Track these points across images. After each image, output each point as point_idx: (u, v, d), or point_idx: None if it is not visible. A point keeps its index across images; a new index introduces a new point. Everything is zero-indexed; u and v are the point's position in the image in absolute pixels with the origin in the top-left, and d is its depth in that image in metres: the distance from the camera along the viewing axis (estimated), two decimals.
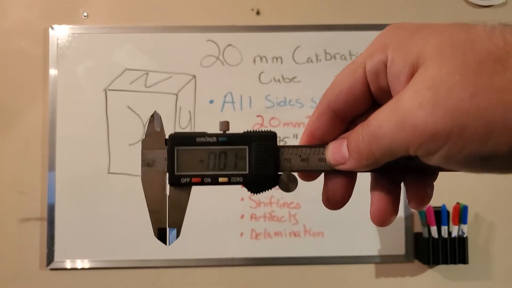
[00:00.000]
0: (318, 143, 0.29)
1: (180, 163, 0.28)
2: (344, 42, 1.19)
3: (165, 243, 0.30)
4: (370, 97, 0.27)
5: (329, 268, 1.17)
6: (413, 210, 1.17)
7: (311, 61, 1.19)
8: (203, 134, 0.29)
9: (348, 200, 0.30)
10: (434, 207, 1.13)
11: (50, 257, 1.14)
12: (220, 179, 0.29)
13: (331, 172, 0.29)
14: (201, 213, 1.13)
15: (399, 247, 1.17)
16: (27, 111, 1.18)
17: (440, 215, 1.12)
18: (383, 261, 1.17)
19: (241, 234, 1.16)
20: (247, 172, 0.29)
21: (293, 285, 1.18)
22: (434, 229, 1.12)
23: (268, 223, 1.16)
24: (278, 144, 0.29)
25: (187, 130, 1.15)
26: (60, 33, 1.18)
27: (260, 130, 0.30)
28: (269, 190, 0.29)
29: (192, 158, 0.29)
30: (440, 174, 0.29)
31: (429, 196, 0.29)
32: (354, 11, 1.22)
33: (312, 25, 1.20)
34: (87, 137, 1.16)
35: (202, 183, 0.29)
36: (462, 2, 1.23)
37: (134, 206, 1.15)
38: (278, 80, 1.19)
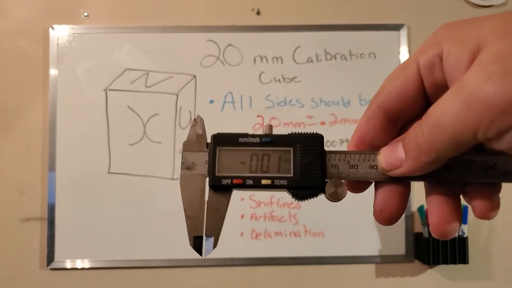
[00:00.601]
0: (368, 148, 0.27)
1: (222, 164, 0.27)
2: (344, 42, 1.19)
3: (201, 253, 0.28)
4: (423, 97, 0.25)
5: (329, 268, 1.17)
6: (413, 209, 1.17)
7: (312, 61, 1.19)
8: (246, 135, 0.27)
9: (403, 213, 0.27)
10: None
11: (50, 257, 1.14)
12: (263, 181, 0.27)
13: (383, 182, 0.26)
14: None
15: (399, 247, 1.17)
16: (27, 111, 1.18)
17: None
18: (383, 261, 1.17)
19: (241, 234, 1.16)
20: (291, 175, 0.27)
21: (293, 285, 1.18)
22: None
23: (269, 223, 1.16)
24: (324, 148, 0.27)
25: (187, 130, 1.15)
26: (60, 33, 1.18)
27: (306, 132, 0.28)
28: (315, 197, 0.27)
29: (234, 159, 0.27)
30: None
31: (497, 204, 0.25)
32: (355, 11, 1.22)
33: (313, 25, 1.20)
34: (87, 137, 1.16)
35: (244, 185, 0.27)
36: (462, 2, 1.23)
37: (134, 206, 1.15)
38: (279, 80, 1.19)
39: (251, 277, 1.17)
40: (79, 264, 1.14)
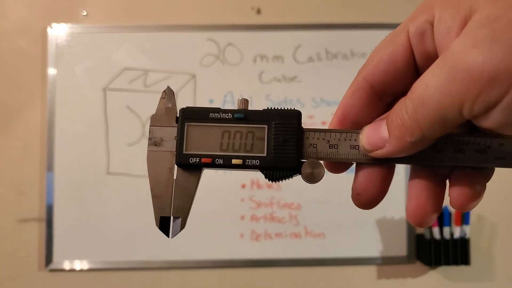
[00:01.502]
0: (351, 125, 0.25)
1: (190, 141, 0.25)
2: (345, 41, 1.18)
3: (167, 234, 0.27)
4: (413, 69, 0.23)
5: (330, 269, 1.17)
6: None
7: (312, 60, 1.18)
8: (217, 110, 0.26)
9: (382, 198, 0.25)
10: None
11: (48, 258, 1.13)
12: (234, 161, 0.25)
13: (365, 163, 0.25)
14: (200, 214, 1.12)
15: (401, 248, 1.17)
16: (26, 111, 1.17)
17: (442, 216, 1.11)
18: (385, 262, 1.17)
19: (241, 235, 1.15)
20: (264, 155, 0.25)
21: (294, 287, 1.17)
22: (436, 230, 1.11)
23: (269, 224, 1.16)
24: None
25: None
26: (59, 32, 1.17)
27: (283, 108, 0.26)
28: (290, 178, 0.25)
29: (203, 136, 0.25)
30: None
31: (477, 194, 0.23)
32: (356, 10, 1.21)
33: (313, 24, 1.19)
34: (86, 137, 1.15)
35: (213, 164, 0.25)
36: None
37: (133, 206, 1.14)
38: (279, 79, 1.18)
39: (251, 278, 1.16)
40: (78, 265, 1.13)
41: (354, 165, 0.26)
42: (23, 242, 1.15)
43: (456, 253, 1.10)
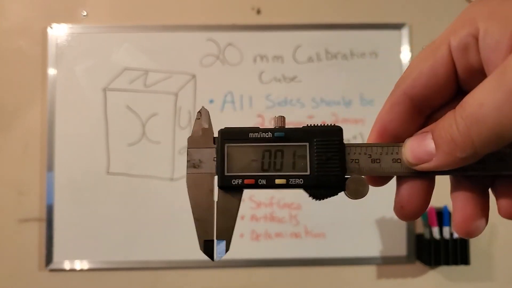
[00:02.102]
0: (390, 139, 0.25)
1: (231, 162, 0.25)
2: (345, 42, 1.18)
3: (212, 258, 0.26)
4: (455, 82, 0.23)
5: (330, 269, 1.17)
6: None
7: (312, 60, 1.18)
8: (257, 129, 0.25)
9: (426, 209, 0.25)
10: (435, 208, 1.12)
11: (49, 258, 1.13)
12: (277, 181, 0.25)
13: (407, 176, 0.24)
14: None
15: (400, 248, 1.17)
16: (26, 111, 1.17)
17: (442, 216, 1.11)
18: (385, 262, 1.17)
19: (241, 235, 1.15)
20: (308, 173, 0.25)
21: (293, 287, 1.17)
22: (436, 230, 1.11)
23: (269, 224, 1.16)
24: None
25: (187, 130, 1.15)
26: (59, 32, 1.17)
27: (323, 125, 0.26)
28: (334, 196, 0.25)
29: (244, 156, 0.25)
30: (441, 176, 0.25)
31: None
32: (356, 10, 1.21)
33: (313, 24, 1.20)
34: (86, 137, 1.15)
35: (256, 185, 0.25)
36: (464, 2, 1.22)
37: (133, 206, 1.14)
38: (279, 79, 1.18)
39: (251, 278, 1.16)
40: (78, 265, 1.14)
41: (394, 178, 0.26)
42: (24, 242, 1.15)
43: (455, 253, 1.10)
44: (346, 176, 0.25)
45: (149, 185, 1.14)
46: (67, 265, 1.13)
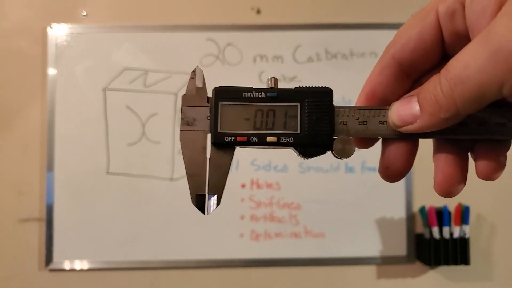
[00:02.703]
0: (379, 102, 0.26)
1: (224, 120, 0.26)
2: (345, 41, 1.18)
3: (203, 211, 0.27)
4: (441, 47, 0.24)
5: (330, 269, 1.17)
6: (415, 210, 1.16)
7: (312, 60, 1.18)
8: (250, 89, 0.27)
9: (409, 171, 0.26)
10: (435, 208, 1.12)
11: (48, 258, 1.13)
12: (268, 139, 0.26)
13: (393, 138, 0.25)
14: (200, 214, 1.12)
15: (400, 248, 1.17)
16: (26, 111, 1.17)
17: (442, 216, 1.11)
18: (385, 262, 1.17)
19: (241, 235, 1.15)
20: (298, 132, 0.26)
21: (293, 287, 1.17)
22: (435, 230, 1.11)
23: (269, 224, 1.16)
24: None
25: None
26: (59, 32, 1.17)
27: (315, 86, 0.27)
28: (322, 154, 0.26)
29: (237, 115, 0.26)
30: None
31: (502, 165, 0.25)
32: (356, 10, 1.21)
33: (313, 24, 1.20)
34: (86, 137, 1.15)
35: (248, 142, 0.26)
36: None
37: (133, 206, 1.14)
38: (279, 79, 1.17)
39: (251, 278, 1.16)
40: (78, 265, 1.14)
41: (380, 141, 0.27)
42: (24, 242, 1.15)
43: (455, 253, 1.10)
44: (334, 137, 0.26)
45: (148, 185, 1.14)
46: (67, 265, 1.13)
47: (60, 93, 1.16)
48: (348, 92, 1.17)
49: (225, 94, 0.27)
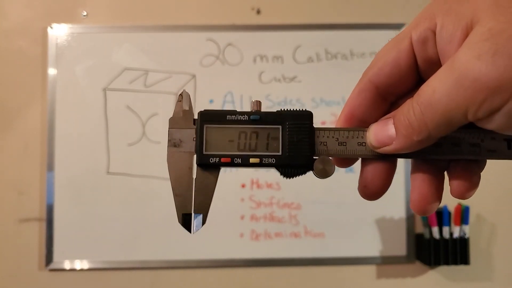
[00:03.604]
0: (357, 123, 0.27)
1: (209, 142, 0.27)
2: (345, 42, 1.18)
3: (189, 230, 0.28)
4: (415, 72, 0.25)
5: (330, 269, 1.17)
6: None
7: (312, 60, 1.18)
8: (234, 112, 0.27)
9: (387, 190, 0.27)
10: None
11: (49, 258, 1.13)
12: (251, 160, 0.27)
13: (371, 158, 0.27)
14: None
15: (400, 248, 1.17)
16: (26, 111, 1.17)
17: (442, 216, 1.11)
18: (385, 262, 1.17)
19: (241, 235, 1.15)
20: (280, 153, 0.27)
21: (293, 287, 1.17)
22: (435, 230, 1.11)
23: (269, 224, 1.16)
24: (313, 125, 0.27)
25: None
26: (59, 32, 1.17)
27: (295, 109, 0.28)
28: (303, 174, 0.27)
29: (221, 137, 0.27)
30: (440, 175, 0.27)
31: (475, 185, 0.26)
32: (356, 10, 1.21)
33: (313, 24, 1.20)
34: (86, 137, 1.15)
35: (232, 163, 0.27)
36: None
37: (133, 206, 1.14)
38: (279, 79, 1.18)
39: (251, 278, 1.16)
40: (78, 264, 1.14)
41: (359, 160, 0.28)
42: (24, 241, 1.15)
43: (455, 253, 1.10)
44: (314, 157, 0.27)
45: (149, 185, 1.14)
46: (67, 265, 1.13)
47: (60, 93, 1.16)
48: (348, 92, 1.16)
49: (210, 117, 0.27)
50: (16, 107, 1.17)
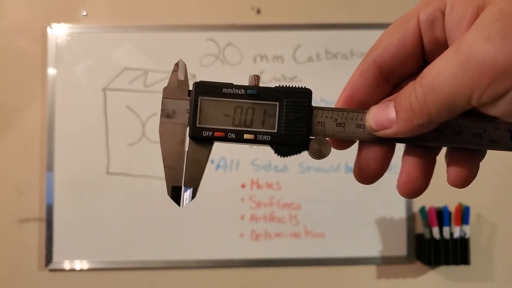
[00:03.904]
0: (357, 105, 0.26)
1: (203, 114, 0.26)
2: (345, 41, 1.18)
3: (179, 203, 0.27)
4: (421, 54, 0.24)
5: (330, 269, 1.17)
6: (415, 210, 1.16)
7: (312, 60, 1.18)
8: (231, 85, 0.26)
9: (382, 174, 0.26)
10: (436, 208, 1.12)
11: (48, 258, 1.13)
12: (246, 136, 0.26)
13: (368, 141, 0.26)
14: (200, 214, 1.12)
15: (400, 248, 1.17)
16: (26, 111, 1.17)
17: (442, 216, 1.11)
18: (385, 262, 1.17)
19: (241, 235, 1.15)
20: (275, 131, 0.26)
21: (293, 287, 1.17)
22: (436, 230, 1.11)
23: (269, 224, 1.16)
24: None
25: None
26: (58, 32, 1.17)
27: (294, 86, 0.27)
28: (298, 154, 0.26)
29: (216, 110, 0.26)
30: (441, 175, 0.27)
31: (473, 175, 0.25)
32: (356, 9, 1.21)
33: (313, 24, 1.19)
34: (86, 137, 1.15)
35: (225, 138, 0.26)
36: None
37: (133, 206, 1.14)
38: (279, 79, 1.18)
39: (251, 278, 1.16)
40: (78, 265, 1.13)
41: (357, 144, 0.27)
42: (23, 242, 1.15)
43: (455, 253, 1.10)
44: (311, 137, 0.26)
45: (148, 185, 1.14)
46: (67, 265, 1.13)
47: (60, 93, 1.16)
48: None
49: (205, 89, 0.26)
50: (16, 107, 1.17)
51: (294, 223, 1.16)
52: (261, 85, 0.27)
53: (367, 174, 0.26)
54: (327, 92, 1.17)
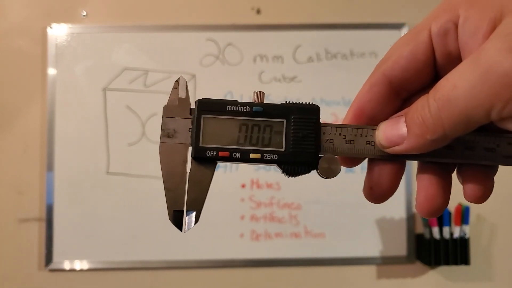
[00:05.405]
0: (367, 120, 0.25)
1: (207, 133, 0.25)
2: (345, 41, 1.18)
3: (181, 228, 0.25)
4: (433, 67, 0.23)
5: (330, 269, 1.17)
6: (414, 210, 1.16)
7: (312, 60, 1.18)
8: (235, 102, 0.25)
9: (394, 193, 0.25)
10: None
11: (48, 258, 1.13)
12: (252, 155, 0.25)
13: (378, 159, 0.25)
14: (200, 214, 1.12)
15: (400, 248, 1.17)
16: (26, 111, 1.17)
17: (442, 216, 1.11)
18: (385, 262, 1.17)
19: (241, 235, 1.15)
20: (283, 149, 0.25)
21: (293, 287, 1.17)
22: (435, 230, 1.11)
23: (269, 224, 1.16)
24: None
25: None
26: (58, 32, 1.17)
27: (301, 102, 0.26)
28: (307, 173, 0.25)
29: (220, 129, 0.25)
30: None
31: (490, 189, 0.24)
32: (356, 10, 1.21)
33: (313, 24, 1.19)
34: (86, 137, 1.15)
35: (230, 158, 0.25)
36: None
37: (133, 206, 1.14)
38: (279, 79, 1.18)
39: (251, 278, 1.16)
40: (78, 265, 1.13)
41: (365, 160, 0.26)
42: (23, 242, 1.15)
43: (455, 253, 1.10)
44: (319, 155, 0.25)
45: (148, 185, 1.14)
46: (66, 265, 1.13)
47: (60, 93, 1.16)
48: (348, 92, 1.17)
49: (208, 106, 0.25)
50: (15, 107, 1.17)
51: (294, 223, 1.16)
52: (262, 89, 0.26)
53: (378, 193, 0.25)
54: (327, 92, 1.17)
